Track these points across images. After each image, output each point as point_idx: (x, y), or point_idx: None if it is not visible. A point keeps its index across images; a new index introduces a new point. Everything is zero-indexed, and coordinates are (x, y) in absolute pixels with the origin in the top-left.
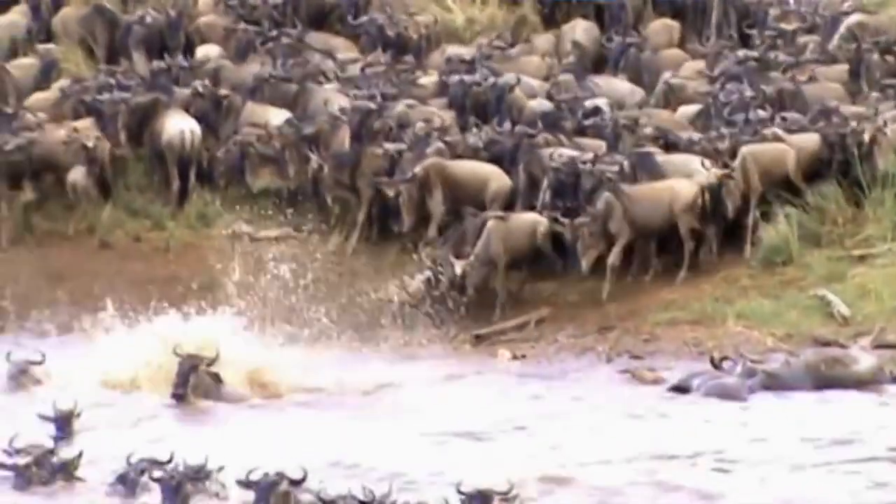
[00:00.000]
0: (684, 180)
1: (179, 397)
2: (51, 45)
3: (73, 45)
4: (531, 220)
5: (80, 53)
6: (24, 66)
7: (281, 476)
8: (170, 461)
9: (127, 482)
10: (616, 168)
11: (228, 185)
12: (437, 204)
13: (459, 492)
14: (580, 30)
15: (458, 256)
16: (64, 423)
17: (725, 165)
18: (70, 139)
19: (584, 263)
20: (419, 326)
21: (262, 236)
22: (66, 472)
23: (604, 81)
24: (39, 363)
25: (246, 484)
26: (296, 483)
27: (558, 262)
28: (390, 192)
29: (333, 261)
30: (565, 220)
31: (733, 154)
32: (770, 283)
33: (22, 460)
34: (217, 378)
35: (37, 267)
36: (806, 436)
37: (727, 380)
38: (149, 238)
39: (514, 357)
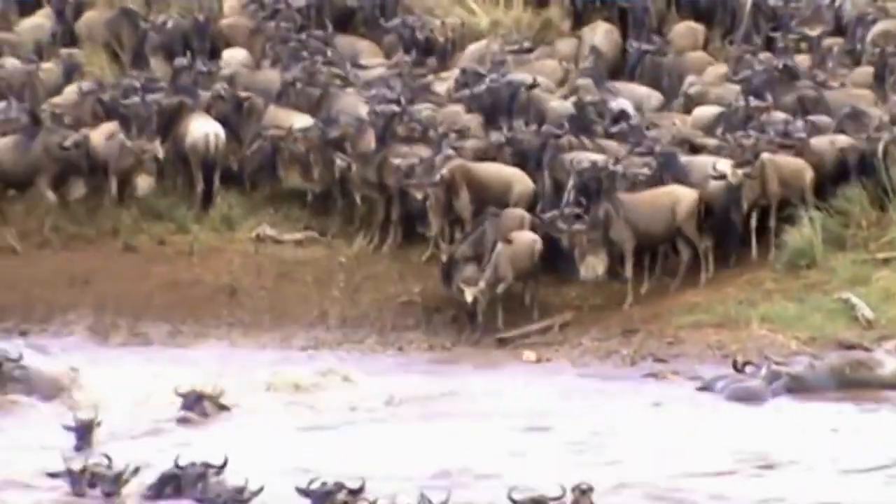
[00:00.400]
0: (685, 187)
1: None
2: (73, 50)
3: (98, 48)
4: (531, 240)
5: (104, 57)
6: (45, 70)
7: (339, 485)
8: (224, 465)
9: (163, 491)
10: (647, 170)
11: (257, 183)
12: (464, 205)
13: (511, 499)
14: (599, 34)
15: (476, 256)
16: (84, 433)
17: (744, 164)
18: (139, 148)
19: (583, 270)
20: (444, 330)
21: (286, 239)
22: (118, 482)
23: (622, 86)
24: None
25: (304, 492)
26: (354, 493)
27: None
28: (418, 195)
29: (357, 264)
30: (564, 227)
31: (755, 156)
32: (794, 286)
33: (76, 467)
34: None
35: (61, 270)
36: (851, 440)
37: (750, 383)
38: (173, 241)
39: (539, 360)
